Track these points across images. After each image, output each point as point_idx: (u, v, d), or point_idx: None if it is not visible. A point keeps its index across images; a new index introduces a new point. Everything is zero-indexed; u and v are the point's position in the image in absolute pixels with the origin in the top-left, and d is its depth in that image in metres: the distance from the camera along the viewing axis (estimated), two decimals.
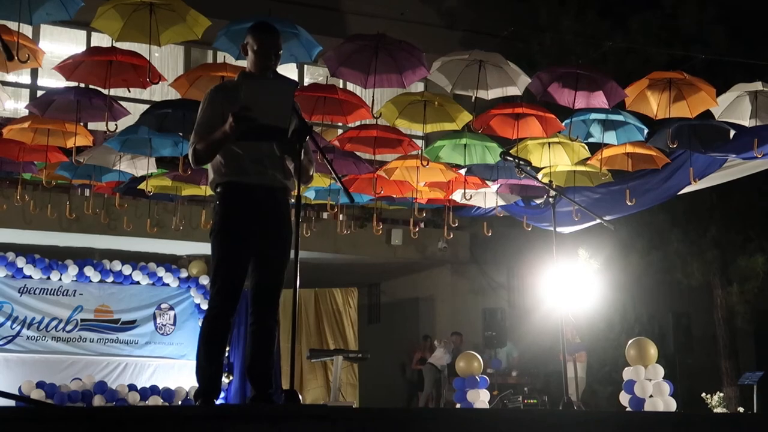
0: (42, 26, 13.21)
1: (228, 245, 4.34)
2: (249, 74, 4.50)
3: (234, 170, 4.37)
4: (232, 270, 4.34)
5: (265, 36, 4.48)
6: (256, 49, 4.45)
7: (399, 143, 10.07)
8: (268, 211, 4.40)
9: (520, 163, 6.75)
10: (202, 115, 4.44)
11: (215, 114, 4.36)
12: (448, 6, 16.72)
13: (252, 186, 4.37)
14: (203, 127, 4.39)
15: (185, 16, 7.61)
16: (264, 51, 4.45)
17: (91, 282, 13.82)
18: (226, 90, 4.50)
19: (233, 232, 4.34)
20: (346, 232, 12.95)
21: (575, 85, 8.59)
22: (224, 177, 4.39)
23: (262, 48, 4.45)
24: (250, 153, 4.37)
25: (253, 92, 4.18)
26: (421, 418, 4.01)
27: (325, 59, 8.58)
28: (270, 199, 4.42)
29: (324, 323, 15.02)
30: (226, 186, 4.39)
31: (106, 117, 8.78)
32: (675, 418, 6.00)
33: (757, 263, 14.53)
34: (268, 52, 4.45)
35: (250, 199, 4.36)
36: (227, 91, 4.48)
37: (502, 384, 14.14)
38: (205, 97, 4.50)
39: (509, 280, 17.15)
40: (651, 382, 9.53)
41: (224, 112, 4.27)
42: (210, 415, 3.49)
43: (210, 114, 4.40)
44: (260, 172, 4.38)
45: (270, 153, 4.41)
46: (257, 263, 4.39)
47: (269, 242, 4.38)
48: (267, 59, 4.45)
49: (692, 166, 9.95)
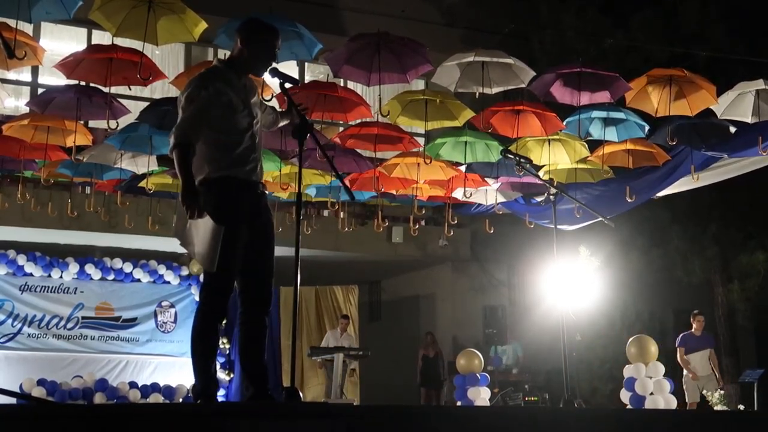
0: (42, 24, 13.21)
1: (224, 240, 4.31)
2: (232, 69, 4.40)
3: (227, 164, 4.30)
4: (227, 266, 4.28)
5: (274, 37, 4.47)
6: (263, 47, 4.42)
7: (400, 140, 10.07)
8: (257, 207, 4.39)
9: (521, 160, 6.76)
10: (192, 103, 4.24)
11: (206, 105, 4.23)
12: (449, 3, 16.72)
13: (245, 181, 4.34)
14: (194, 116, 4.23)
15: (182, 16, 7.57)
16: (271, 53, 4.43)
17: (92, 279, 13.84)
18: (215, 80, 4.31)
19: (229, 227, 4.28)
20: (346, 230, 12.95)
21: (578, 84, 8.59)
22: (219, 171, 4.30)
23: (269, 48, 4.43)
24: (242, 145, 4.32)
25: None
26: (420, 415, 4.01)
27: (327, 60, 8.58)
28: (258, 193, 4.41)
29: (325, 321, 15.02)
30: (220, 180, 4.31)
31: (107, 115, 8.77)
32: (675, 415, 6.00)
33: (758, 260, 14.54)
34: (274, 54, 4.45)
35: (243, 195, 4.33)
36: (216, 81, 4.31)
37: (502, 381, 14.15)
38: (193, 84, 4.31)
39: (510, 277, 17.15)
40: (652, 380, 9.54)
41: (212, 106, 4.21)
42: (211, 413, 3.50)
43: (200, 104, 4.23)
44: (252, 167, 4.36)
45: (259, 147, 4.41)
46: (247, 260, 4.35)
47: (259, 237, 4.37)
48: (272, 59, 4.44)
49: (692, 162, 9.96)
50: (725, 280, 15.43)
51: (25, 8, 6.91)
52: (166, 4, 7.44)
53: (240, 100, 4.34)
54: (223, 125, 4.29)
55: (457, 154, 10.23)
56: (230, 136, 4.30)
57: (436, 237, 15.22)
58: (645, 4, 14.55)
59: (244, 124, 4.34)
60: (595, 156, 10.01)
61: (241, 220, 4.30)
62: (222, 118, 4.28)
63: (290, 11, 9.08)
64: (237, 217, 4.29)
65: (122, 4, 7.46)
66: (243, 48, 4.42)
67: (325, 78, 11.15)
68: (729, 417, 5.83)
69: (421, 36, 8.87)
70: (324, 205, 13.27)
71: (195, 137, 4.23)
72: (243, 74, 4.46)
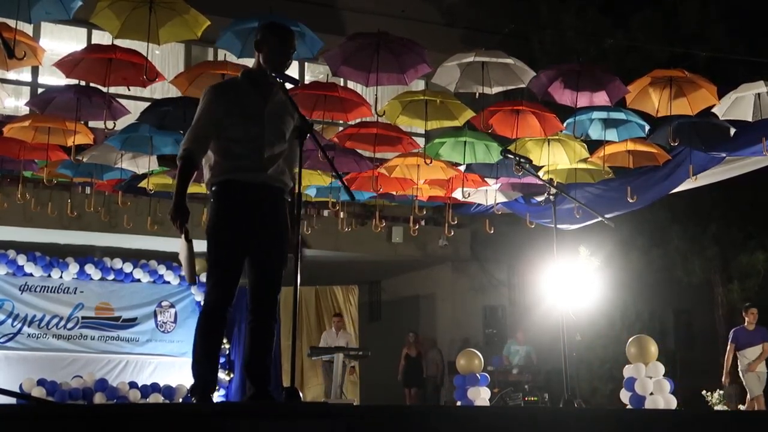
0: (42, 24, 13.21)
1: (225, 243, 4.32)
2: (251, 76, 4.47)
3: (232, 168, 4.34)
4: (228, 267, 4.32)
5: (288, 35, 4.49)
6: (275, 47, 4.44)
7: (399, 141, 10.07)
8: (265, 210, 4.39)
9: (521, 160, 6.75)
10: (203, 115, 4.38)
11: (216, 117, 4.33)
12: (449, 3, 16.72)
13: (250, 184, 4.34)
14: (202, 129, 4.35)
15: (185, 15, 7.59)
16: (285, 51, 4.44)
17: (91, 279, 13.83)
18: (227, 92, 4.44)
19: (230, 230, 4.32)
20: (347, 230, 12.95)
21: (577, 85, 8.59)
22: (222, 175, 4.35)
23: (283, 47, 4.44)
24: (249, 151, 4.36)
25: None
26: (420, 415, 4.01)
27: (327, 59, 8.57)
28: (267, 197, 4.40)
29: (325, 321, 15.02)
30: (223, 184, 4.36)
31: (105, 115, 8.76)
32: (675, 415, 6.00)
33: (758, 260, 14.54)
34: (288, 52, 4.46)
35: (247, 197, 4.34)
36: (228, 93, 4.42)
37: (502, 381, 14.15)
38: (206, 96, 4.43)
39: (510, 277, 17.15)
40: (651, 380, 9.53)
41: (223, 117, 4.29)
42: (211, 413, 3.50)
43: (210, 116, 4.35)
44: (259, 170, 4.36)
45: (269, 151, 4.41)
46: (254, 261, 4.37)
47: (266, 240, 4.37)
48: (287, 58, 4.46)
49: (692, 163, 9.96)
50: (725, 280, 15.43)
51: (24, 8, 6.91)
52: (168, 3, 7.44)
53: (251, 110, 4.38)
54: (228, 134, 4.33)
55: (457, 155, 10.23)
56: (234, 143, 4.33)
57: (436, 237, 15.22)
58: (645, 4, 14.55)
59: (251, 132, 4.36)
60: (595, 156, 10.01)
61: (240, 224, 4.31)
62: (228, 128, 4.33)
63: (290, 11, 9.08)
64: (235, 221, 4.31)
65: (123, 6, 7.47)
66: (258, 54, 4.48)
67: (325, 78, 11.15)
68: (729, 417, 5.83)
69: (421, 36, 8.88)
70: (324, 205, 13.26)
71: (201, 150, 4.34)
72: (262, 81, 4.45)
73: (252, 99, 4.41)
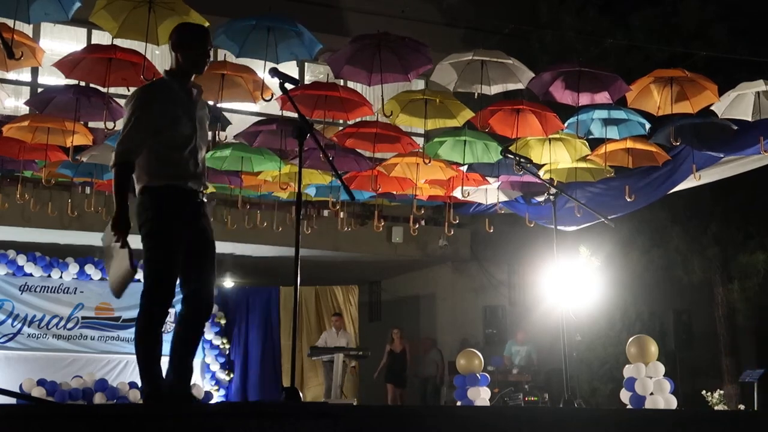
0: (42, 24, 13.19)
1: (166, 244, 4.42)
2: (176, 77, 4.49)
3: (172, 174, 4.41)
4: (168, 269, 4.44)
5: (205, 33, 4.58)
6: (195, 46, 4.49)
7: (398, 140, 10.06)
8: (197, 214, 4.49)
9: (521, 160, 6.76)
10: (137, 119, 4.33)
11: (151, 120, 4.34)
12: (449, 3, 16.71)
13: (189, 190, 4.44)
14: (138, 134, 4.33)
15: (184, 16, 7.57)
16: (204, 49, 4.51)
17: (91, 280, 13.83)
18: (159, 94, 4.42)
19: (173, 232, 4.40)
20: (346, 230, 12.95)
21: (577, 85, 8.58)
22: (161, 180, 4.40)
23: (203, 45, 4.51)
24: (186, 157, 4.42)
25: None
26: (421, 415, 4.01)
27: (328, 61, 8.56)
28: (198, 201, 4.50)
29: (325, 321, 15.02)
30: (163, 188, 4.40)
31: (105, 116, 8.76)
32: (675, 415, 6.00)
33: (758, 260, 14.52)
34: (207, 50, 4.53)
35: (186, 202, 4.44)
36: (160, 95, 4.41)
37: (502, 381, 14.14)
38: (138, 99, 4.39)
39: (510, 277, 17.14)
40: (652, 380, 9.53)
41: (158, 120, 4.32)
42: (210, 413, 3.49)
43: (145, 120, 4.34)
44: (194, 176, 4.46)
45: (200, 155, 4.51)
46: (188, 264, 4.47)
47: (198, 243, 4.48)
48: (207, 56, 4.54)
49: (693, 162, 9.95)
50: (725, 279, 15.42)
51: (23, 9, 6.91)
52: (167, 4, 7.44)
53: (183, 112, 4.43)
54: (164, 137, 4.38)
55: (456, 154, 10.22)
56: (171, 147, 4.39)
57: (436, 237, 15.21)
58: (645, 4, 14.54)
59: (185, 135, 4.42)
60: (595, 155, 10.00)
61: (180, 228, 4.41)
62: (164, 131, 4.37)
63: (290, 11, 9.08)
64: (175, 225, 4.40)
65: (123, 6, 7.46)
66: (177, 56, 4.50)
67: (325, 78, 11.14)
68: (729, 417, 5.83)
69: (421, 36, 8.86)
70: (324, 205, 13.26)
71: (137, 156, 4.37)
72: (186, 82, 4.52)
73: (182, 102, 4.46)
